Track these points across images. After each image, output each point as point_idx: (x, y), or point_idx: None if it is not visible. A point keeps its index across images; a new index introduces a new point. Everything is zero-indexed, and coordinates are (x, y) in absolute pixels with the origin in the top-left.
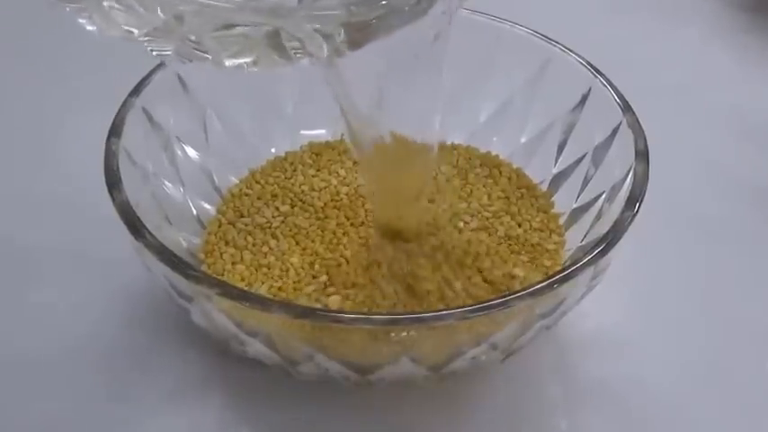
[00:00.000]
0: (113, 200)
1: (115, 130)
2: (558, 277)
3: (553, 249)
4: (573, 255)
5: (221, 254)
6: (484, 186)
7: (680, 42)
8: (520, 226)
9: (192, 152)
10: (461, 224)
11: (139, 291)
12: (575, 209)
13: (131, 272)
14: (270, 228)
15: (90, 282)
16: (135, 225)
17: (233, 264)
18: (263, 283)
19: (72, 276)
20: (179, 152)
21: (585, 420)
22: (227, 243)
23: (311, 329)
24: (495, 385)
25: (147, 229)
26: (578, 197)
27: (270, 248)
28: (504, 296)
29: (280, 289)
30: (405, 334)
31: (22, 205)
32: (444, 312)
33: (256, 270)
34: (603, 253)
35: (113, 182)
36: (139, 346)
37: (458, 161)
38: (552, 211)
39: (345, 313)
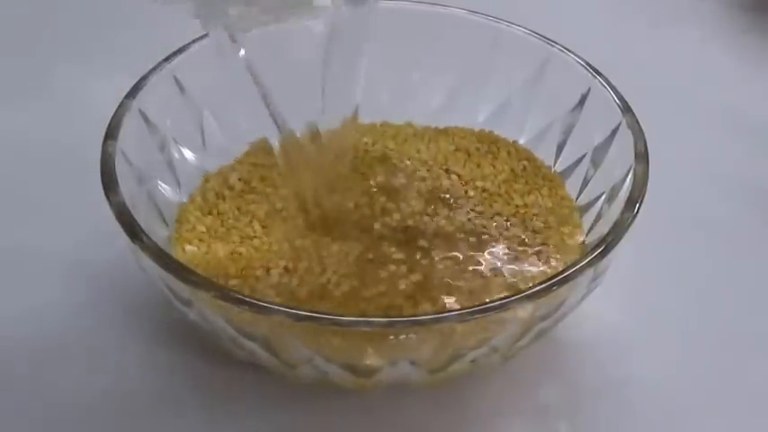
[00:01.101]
0: (110, 202)
1: (111, 133)
2: (557, 279)
3: (568, 214)
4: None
5: (189, 216)
6: (485, 158)
7: (679, 43)
8: (530, 194)
9: (188, 154)
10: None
11: (134, 293)
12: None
13: (127, 273)
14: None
15: (84, 283)
16: (132, 227)
17: (195, 225)
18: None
19: (65, 277)
20: (176, 154)
21: (585, 422)
22: (197, 208)
23: (310, 332)
24: (495, 387)
25: (143, 232)
26: (578, 198)
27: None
28: (503, 298)
29: (240, 255)
30: (403, 337)
31: (19, 205)
32: (443, 315)
33: (215, 231)
34: (603, 254)
35: (110, 184)
36: (133, 347)
37: (454, 139)
38: (556, 179)
39: (344, 317)
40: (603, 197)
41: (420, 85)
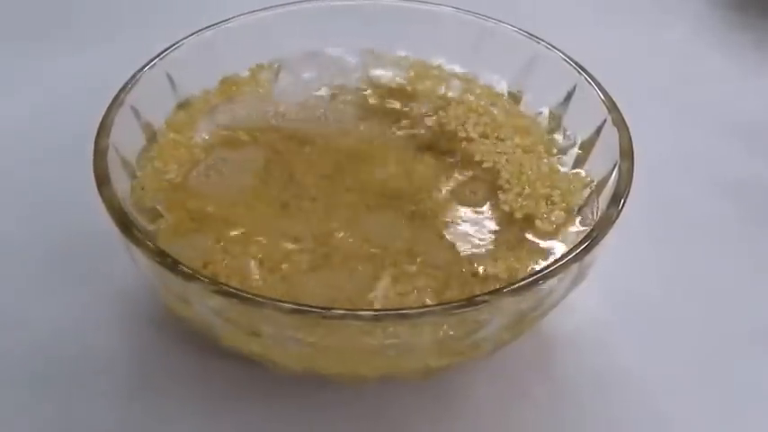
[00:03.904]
0: (102, 197)
1: (104, 129)
2: (542, 273)
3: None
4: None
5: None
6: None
7: (665, 41)
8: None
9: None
10: None
11: (123, 285)
12: None
13: (115, 268)
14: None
15: (72, 276)
16: (124, 222)
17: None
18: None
19: (52, 271)
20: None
21: (570, 416)
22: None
23: (303, 326)
24: (480, 381)
25: (135, 226)
26: None
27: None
28: (488, 293)
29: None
30: (391, 329)
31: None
32: (429, 309)
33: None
34: (588, 249)
35: (102, 180)
36: (123, 341)
37: None
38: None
39: (335, 309)
40: (589, 192)
41: None
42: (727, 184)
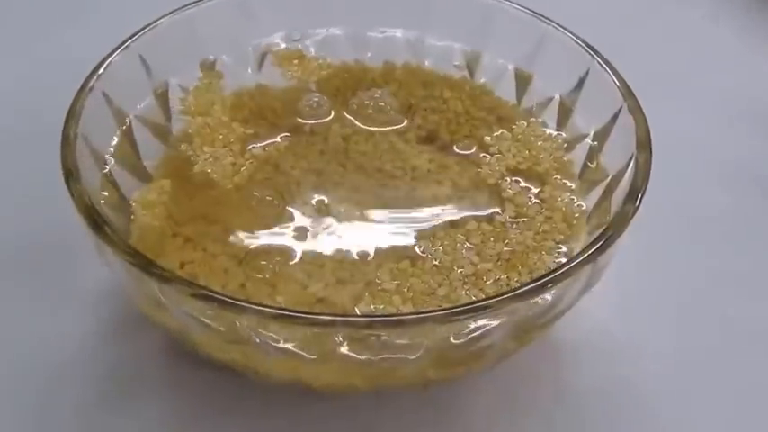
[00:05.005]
0: (71, 191)
1: (73, 117)
2: (552, 276)
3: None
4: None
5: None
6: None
7: (681, 22)
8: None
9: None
10: None
11: (93, 288)
12: None
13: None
14: None
15: (38, 279)
16: (94, 219)
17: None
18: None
19: (17, 274)
20: (140, 137)
21: (579, 425)
22: None
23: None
24: (487, 390)
25: (106, 224)
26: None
27: None
28: (492, 297)
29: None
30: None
31: None
32: (425, 315)
33: None
34: (602, 250)
35: (71, 172)
36: (94, 349)
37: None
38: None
39: (324, 315)
40: (603, 187)
41: None
42: (751, 178)
